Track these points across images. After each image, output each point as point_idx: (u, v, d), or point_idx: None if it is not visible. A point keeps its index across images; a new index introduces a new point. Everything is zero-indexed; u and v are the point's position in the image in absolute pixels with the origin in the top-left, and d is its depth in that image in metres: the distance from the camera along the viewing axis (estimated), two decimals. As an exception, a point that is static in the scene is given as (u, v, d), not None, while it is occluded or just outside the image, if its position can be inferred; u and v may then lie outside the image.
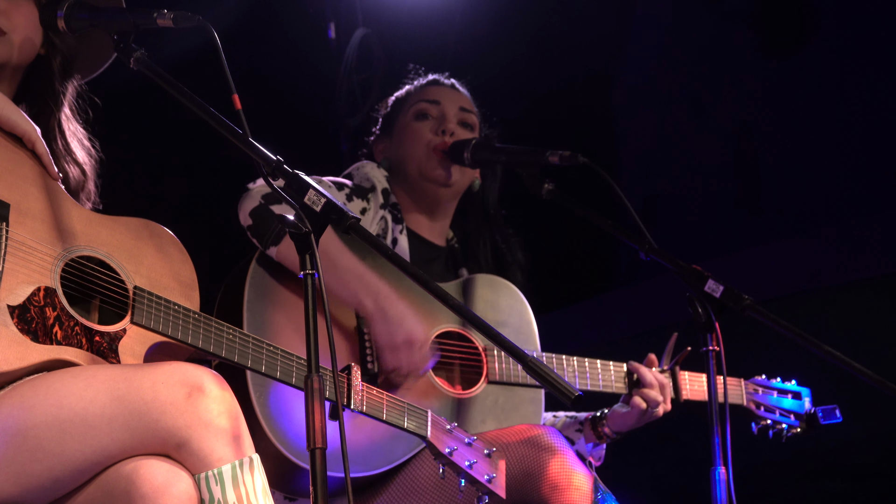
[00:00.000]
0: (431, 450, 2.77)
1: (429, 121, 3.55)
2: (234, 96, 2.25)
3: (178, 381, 2.24)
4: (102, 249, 2.49)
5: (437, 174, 3.49)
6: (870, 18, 4.99)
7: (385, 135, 3.63)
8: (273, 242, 3.08)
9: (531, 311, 3.52)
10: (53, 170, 2.50)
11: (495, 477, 2.80)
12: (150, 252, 2.56)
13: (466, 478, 2.78)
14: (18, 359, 2.28)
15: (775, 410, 3.74)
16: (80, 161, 2.68)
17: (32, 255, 2.37)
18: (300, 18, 5.17)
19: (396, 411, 2.75)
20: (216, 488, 2.20)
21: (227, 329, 2.56)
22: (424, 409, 2.79)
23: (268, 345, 2.61)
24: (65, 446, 2.21)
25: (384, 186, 3.45)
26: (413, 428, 2.76)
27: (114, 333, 2.42)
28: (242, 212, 3.13)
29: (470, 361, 3.35)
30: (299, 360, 2.65)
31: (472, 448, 2.81)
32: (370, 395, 2.72)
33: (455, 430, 2.82)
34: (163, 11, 2.37)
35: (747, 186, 5.37)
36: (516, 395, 3.38)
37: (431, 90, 3.62)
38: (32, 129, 2.48)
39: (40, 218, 2.43)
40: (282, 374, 2.62)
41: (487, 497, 2.80)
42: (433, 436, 2.77)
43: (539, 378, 2.16)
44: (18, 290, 2.32)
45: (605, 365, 3.48)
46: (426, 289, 2.25)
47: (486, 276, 3.52)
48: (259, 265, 3.12)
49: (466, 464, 2.77)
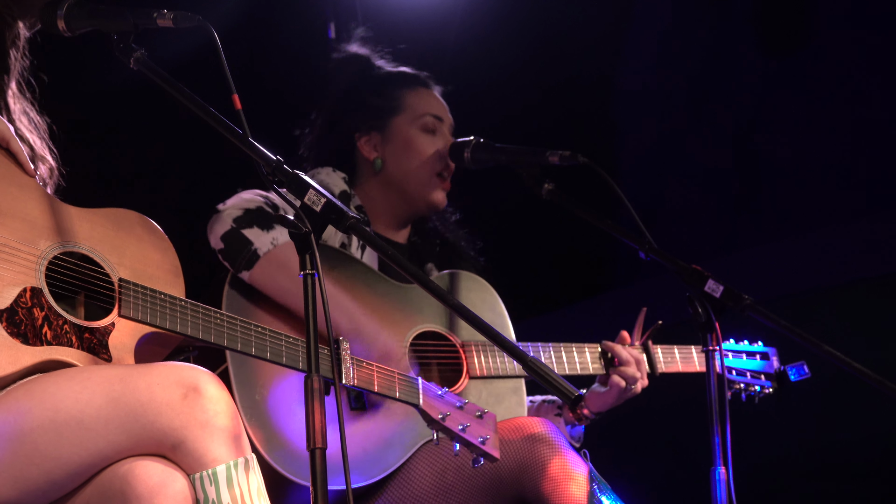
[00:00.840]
0: (424, 417, 2.78)
1: (434, 137, 3.53)
2: (234, 96, 2.25)
3: (174, 382, 2.24)
4: (85, 244, 2.47)
5: (437, 201, 3.51)
6: (870, 18, 4.99)
7: (375, 130, 3.54)
8: (245, 267, 3.05)
9: (502, 304, 3.53)
10: (30, 167, 2.48)
11: (489, 438, 2.82)
12: (131, 242, 2.54)
13: (461, 441, 2.80)
14: (10, 363, 2.27)
15: (746, 373, 3.75)
16: (31, 142, 2.62)
17: (16, 256, 2.35)
18: (300, 18, 5.16)
19: (387, 382, 2.75)
20: (211, 489, 2.19)
21: (215, 314, 2.54)
22: (415, 377, 2.80)
23: (256, 326, 2.60)
24: (61, 449, 2.21)
25: (342, 189, 3.42)
26: (405, 397, 2.77)
27: (103, 328, 2.41)
28: (213, 235, 3.09)
29: (448, 359, 3.35)
30: (288, 338, 2.64)
31: (464, 411, 2.82)
32: (359, 368, 2.71)
33: (446, 394, 2.84)
34: (163, 11, 2.37)
35: (747, 187, 5.37)
36: (498, 388, 3.38)
37: (434, 102, 3.59)
38: (5, 127, 2.47)
39: (20, 217, 2.40)
40: (272, 354, 2.61)
41: (482, 459, 2.81)
42: (425, 403, 2.78)
43: (539, 378, 2.16)
44: (5, 293, 2.31)
45: (581, 347, 3.50)
46: (427, 289, 2.26)
47: (459, 272, 3.51)
48: (232, 289, 3.09)
49: (460, 427, 2.78)
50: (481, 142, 3.47)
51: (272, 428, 2.95)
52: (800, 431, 4.82)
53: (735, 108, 5.38)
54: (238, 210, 3.10)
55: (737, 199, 5.40)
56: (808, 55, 5.13)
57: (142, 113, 4.19)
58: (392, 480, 3.14)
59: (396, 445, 3.12)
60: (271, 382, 2.98)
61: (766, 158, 5.31)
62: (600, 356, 3.52)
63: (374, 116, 3.54)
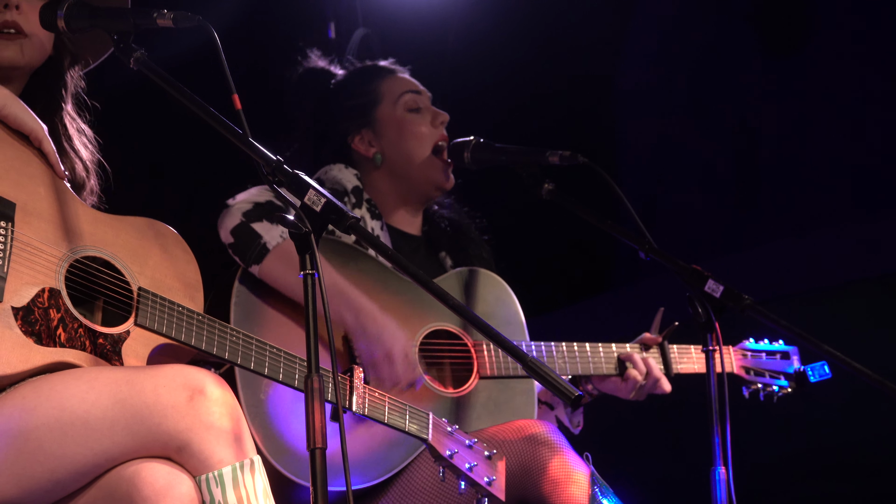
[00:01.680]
0: (432, 452, 2.77)
1: (420, 113, 3.54)
2: (234, 96, 2.25)
3: (179, 384, 2.24)
4: (108, 250, 2.48)
5: (443, 180, 3.50)
6: (870, 19, 4.99)
7: (366, 128, 3.54)
8: (255, 261, 3.05)
9: (517, 301, 3.53)
10: (60, 168, 2.50)
11: (495, 480, 2.80)
12: (154, 252, 2.56)
13: (467, 480, 2.78)
14: (22, 361, 2.27)
15: (765, 373, 3.74)
16: (84, 158, 2.67)
17: (38, 256, 2.36)
18: (300, 18, 5.16)
19: (398, 413, 2.75)
20: (216, 490, 2.20)
21: (231, 331, 2.55)
22: (426, 412, 2.79)
23: (270, 347, 2.60)
24: (66, 448, 2.21)
25: (354, 185, 3.43)
26: (415, 431, 2.76)
27: (117, 335, 2.42)
28: (224, 229, 3.10)
29: (459, 358, 3.35)
30: (301, 361, 2.64)
31: (473, 450, 2.81)
32: (372, 397, 2.71)
33: (456, 432, 2.82)
34: (163, 11, 2.37)
35: (747, 186, 5.37)
36: (508, 388, 3.38)
37: (406, 81, 3.60)
38: (40, 128, 2.48)
39: (46, 218, 2.42)
40: (284, 376, 2.61)
41: (487, 499, 2.80)
42: (434, 439, 2.76)
43: (539, 378, 2.16)
44: (23, 292, 2.31)
45: (595, 348, 3.49)
46: (427, 289, 2.25)
47: (474, 269, 3.51)
48: (242, 284, 3.09)
49: (467, 466, 2.77)
50: (481, 142, 3.47)
51: (275, 429, 2.95)
52: (800, 432, 4.82)
53: (735, 107, 5.38)
54: (248, 204, 3.11)
55: (737, 199, 5.40)
56: (808, 55, 5.14)
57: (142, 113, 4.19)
58: (394, 481, 3.14)
59: (401, 446, 3.11)
60: (275, 383, 2.97)
61: (766, 158, 5.31)
62: (616, 363, 3.51)
63: (359, 115, 3.55)
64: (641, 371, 3.45)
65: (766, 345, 3.80)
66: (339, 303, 3.10)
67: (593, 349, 3.49)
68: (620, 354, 3.50)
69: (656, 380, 3.48)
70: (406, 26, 5.32)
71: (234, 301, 3.05)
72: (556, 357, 3.42)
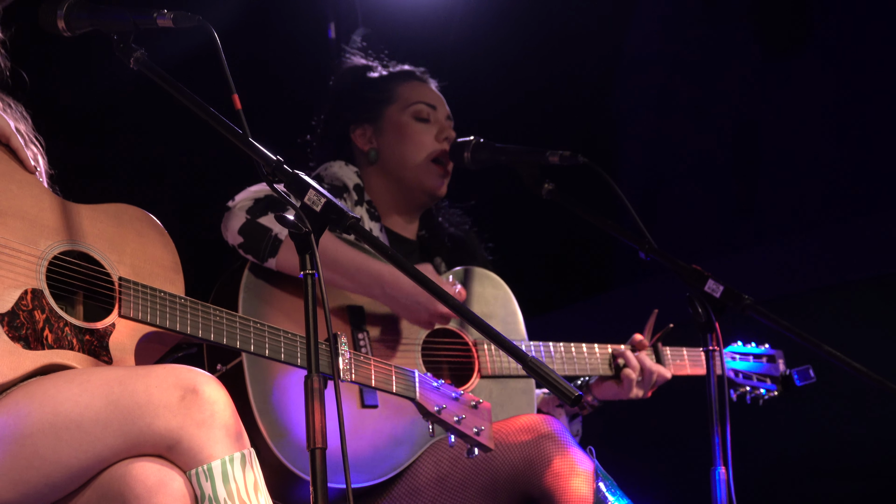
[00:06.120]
0: (420, 410, 2.79)
1: (428, 125, 3.54)
2: (234, 96, 2.25)
3: (171, 384, 2.24)
4: (85, 241, 2.45)
5: (435, 186, 3.50)
6: (870, 19, 4.99)
7: (368, 122, 3.54)
8: (271, 254, 3.05)
9: (516, 301, 3.53)
10: (30, 163, 2.47)
11: (483, 429, 2.83)
12: (131, 238, 2.53)
13: (455, 433, 2.81)
14: (12, 370, 2.26)
15: (752, 376, 3.75)
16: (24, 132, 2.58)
17: (16, 258, 2.34)
18: (300, 18, 5.16)
19: (384, 376, 2.75)
20: (206, 484, 2.19)
21: (215, 311, 2.53)
22: (411, 370, 2.80)
23: (255, 322, 2.59)
24: (60, 452, 2.21)
25: (356, 182, 3.43)
26: (402, 391, 2.78)
27: (103, 330, 2.40)
28: (230, 231, 3.09)
29: (460, 358, 3.35)
30: (287, 334, 2.63)
31: (460, 402, 2.84)
32: (357, 362, 2.71)
33: (442, 386, 2.85)
34: (163, 11, 2.36)
35: (747, 186, 5.37)
36: (509, 388, 3.38)
37: (428, 92, 3.59)
38: (6, 124, 2.45)
39: (20, 215, 2.39)
40: (270, 351, 2.59)
41: (477, 449, 2.82)
42: (421, 397, 2.79)
43: (539, 378, 2.17)
44: (5, 296, 2.29)
45: (591, 348, 3.49)
46: (427, 289, 2.25)
47: (473, 269, 3.51)
48: (251, 272, 3.09)
49: (455, 419, 2.79)
50: (481, 142, 3.47)
51: (283, 422, 2.95)
52: (800, 432, 4.82)
53: (735, 107, 5.39)
54: (249, 201, 3.11)
55: (737, 199, 5.40)
56: (808, 55, 5.14)
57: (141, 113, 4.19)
58: (399, 479, 3.15)
59: (406, 443, 3.12)
60: (283, 377, 2.98)
61: (765, 158, 5.31)
62: (610, 362, 3.51)
63: (367, 109, 3.55)
64: (635, 367, 3.46)
65: (753, 348, 3.81)
66: (363, 277, 3.12)
67: (589, 349, 3.49)
68: (614, 352, 3.50)
69: (653, 372, 3.48)
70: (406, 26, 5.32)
71: (243, 285, 3.05)
72: (554, 357, 3.43)
